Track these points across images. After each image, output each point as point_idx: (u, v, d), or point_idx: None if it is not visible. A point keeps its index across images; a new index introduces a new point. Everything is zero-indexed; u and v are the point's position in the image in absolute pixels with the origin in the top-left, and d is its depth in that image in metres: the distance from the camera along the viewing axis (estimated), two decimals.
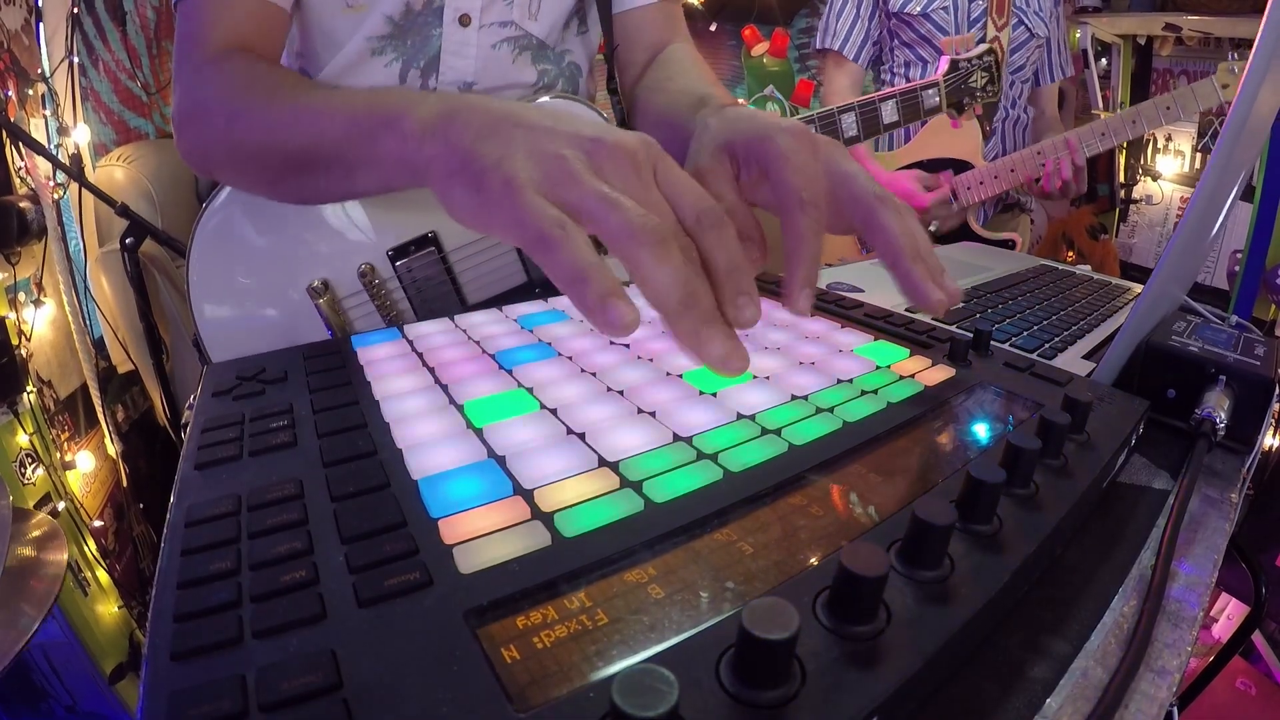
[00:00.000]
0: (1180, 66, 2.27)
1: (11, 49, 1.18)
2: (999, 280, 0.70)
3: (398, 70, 0.66)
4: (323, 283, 0.64)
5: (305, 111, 0.44)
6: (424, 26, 0.65)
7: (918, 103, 0.93)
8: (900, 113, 0.91)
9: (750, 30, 2.37)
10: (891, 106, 0.90)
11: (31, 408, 1.09)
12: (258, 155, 0.48)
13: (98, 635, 1.13)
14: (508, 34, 0.68)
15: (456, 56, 0.66)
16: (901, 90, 0.91)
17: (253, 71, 0.51)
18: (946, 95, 0.95)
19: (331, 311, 0.65)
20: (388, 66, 0.65)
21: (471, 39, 0.66)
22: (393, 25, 0.64)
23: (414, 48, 0.65)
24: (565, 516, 0.26)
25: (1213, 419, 0.39)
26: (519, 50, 0.69)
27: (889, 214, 0.35)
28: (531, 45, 0.69)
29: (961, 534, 0.26)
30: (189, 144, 0.53)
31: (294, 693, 0.18)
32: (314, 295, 0.64)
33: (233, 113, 0.49)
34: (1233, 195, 0.43)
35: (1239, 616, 1.19)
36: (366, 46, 0.64)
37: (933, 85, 0.94)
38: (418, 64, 0.66)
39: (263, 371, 0.39)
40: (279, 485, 0.28)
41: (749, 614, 0.18)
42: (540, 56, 0.71)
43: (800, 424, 0.34)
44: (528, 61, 0.70)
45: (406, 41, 0.65)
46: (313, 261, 0.64)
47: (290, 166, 0.46)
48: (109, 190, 1.18)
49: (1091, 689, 0.25)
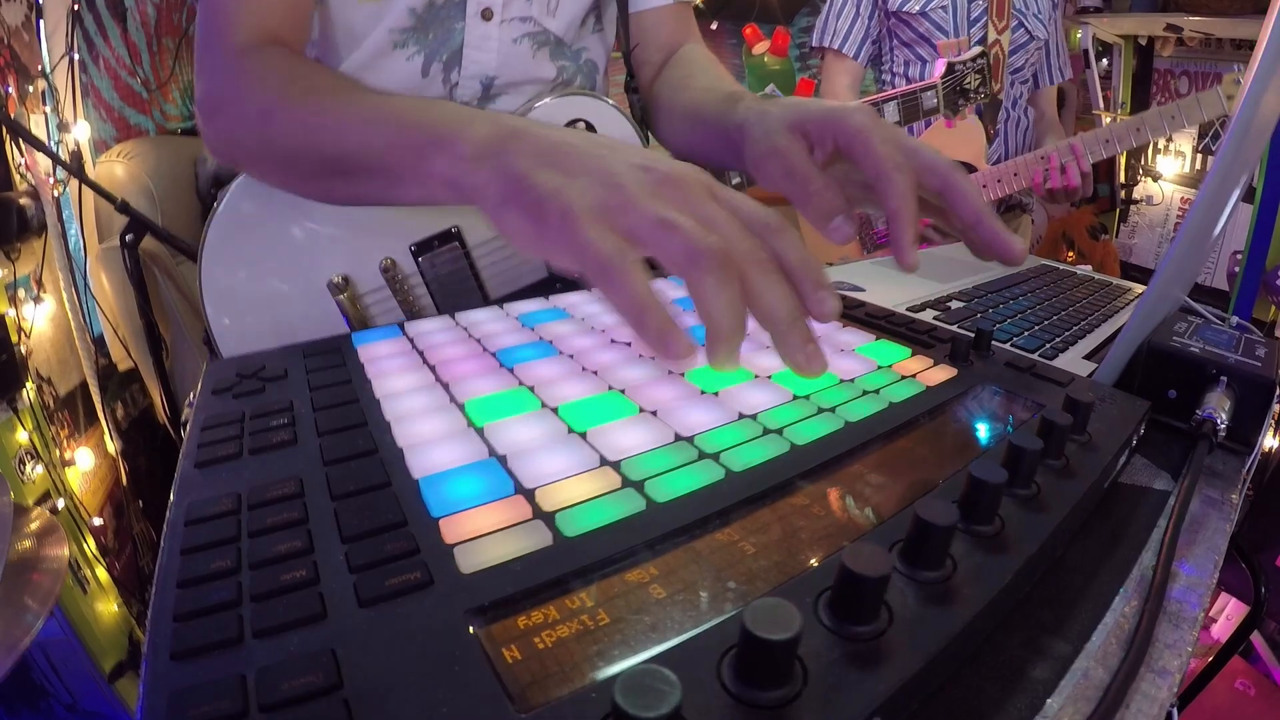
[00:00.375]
0: (1181, 67, 2.27)
1: (12, 45, 1.18)
2: (1000, 280, 0.70)
3: (420, 63, 0.65)
4: (343, 278, 0.64)
5: (349, 117, 0.44)
6: (446, 19, 0.65)
7: (917, 104, 0.99)
8: (901, 113, 0.98)
9: (751, 29, 2.37)
10: (893, 108, 0.97)
11: (31, 405, 1.09)
12: (292, 154, 0.48)
13: (97, 633, 1.13)
14: (527, 29, 0.68)
15: (479, 50, 0.66)
16: (902, 92, 0.98)
17: (289, 67, 0.51)
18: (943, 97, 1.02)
19: (352, 307, 0.64)
20: (410, 60, 0.65)
21: (493, 33, 0.66)
22: (415, 17, 0.64)
23: (436, 40, 0.65)
24: (566, 516, 0.26)
25: (1214, 420, 0.39)
26: (538, 46, 0.69)
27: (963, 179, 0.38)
28: (550, 41, 0.70)
29: (963, 534, 0.26)
30: (216, 135, 0.53)
31: (294, 693, 0.18)
32: (334, 291, 0.63)
33: (267, 109, 0.49)
34: (1235, 197, 0.43)
35: (1238, 616, 1.19)
36: (389, 39, 0.64)
37: (930, 88, 1.01)
38: (440, 57, 0.66)
39: (263, 369, 0.38)
40: (279, 484, 0.28)
41: (751, 614, 0.18)
42: (558, 53, 0.71)
43: (802, 424, 0.34)
44: (546, 57, 0.70)
45: (429, 34, 0.65)
46: (333, 256, 0.64)
47: (327, 170, 0.46)
48: (109, 187, 1.18)
49: (1092, 689, 0.25)
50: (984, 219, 0.38)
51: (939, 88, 1.00)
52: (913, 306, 0.58)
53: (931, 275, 0.71)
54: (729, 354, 0.28)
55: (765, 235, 0.30)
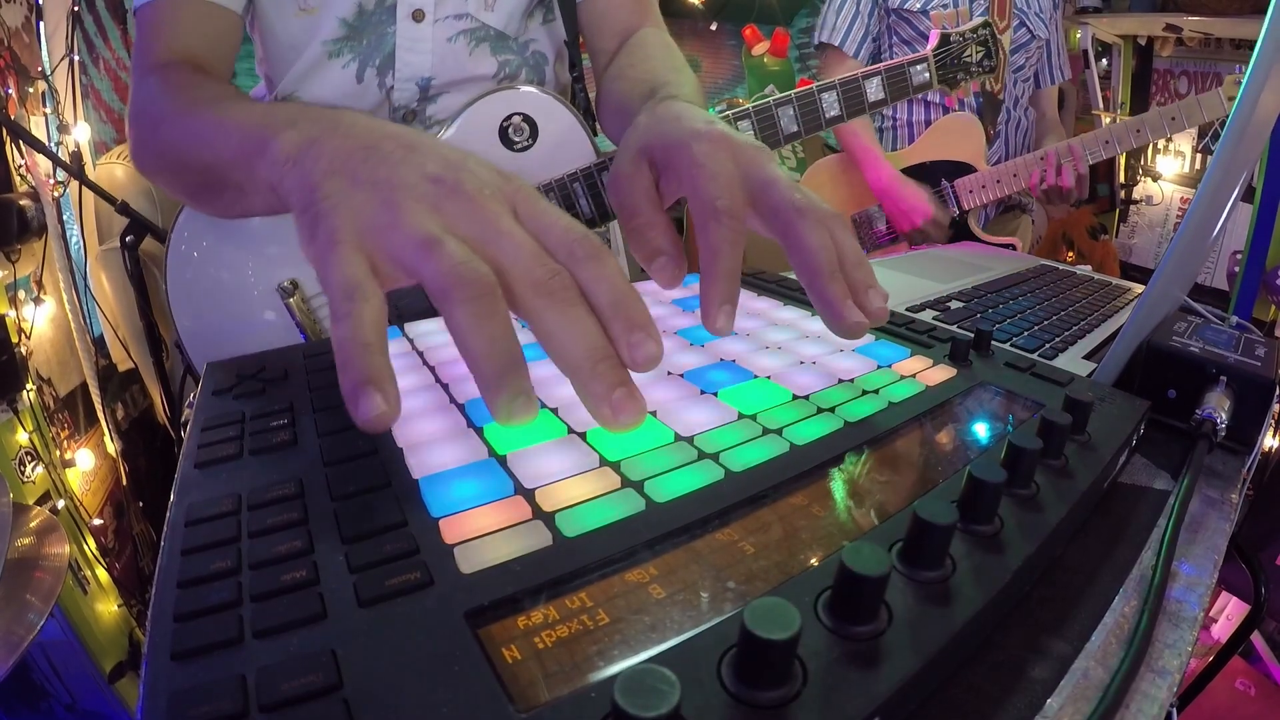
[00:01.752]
0: (1181, 67, 2.27)
1: (12, 46, 1.18)
2: (999, 280, 0.70)
3: (354, 70, 0.66)
4: (291, 282, 0.65)
5: (212, 127, 0.42)
6: (378, 25, 0.65)
7: (905, 79, 0.86)
8: (886, 90, 0.85)
9: (751, 30, 2.37)
10: (877, 83, 0.84)
11: (31, 406, 1.09)
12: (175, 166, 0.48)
13: (97, 634, 1.13)
14: (464, 26, 0.67)
15: (411, 52, 0.66)
16: (887, 66, 0.85)
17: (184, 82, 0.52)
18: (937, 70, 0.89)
19: (302, 310, 0.65)
20: (345, 68, 0.66)
21: (426, 34, 0.66)
22: (347, 27, 0.64)
23: (370, 47, 0.65)
24: (566, 516, 0.26)
25: (1213, 419, 0.39)
26: (476, 42, 0.69)
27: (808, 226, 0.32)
28: (490, 36, 0.69)
29: (962, 534, 0.26)
30: (130, 148, 0.55)
31: (294, 693, 0.18)
32: (283, 295, 0.64)
33: (159, 121, 0.49)
34: (1234, 197, 0.43)
35: (1238, 616, 1.19)
36: (323, 50, 0.65)
37: (921, 60, 0.88)
38: (374, 62, 0.66)
39: (263, 370, 0.39)
40: (279, 484, 0.28)
41: (750, 614, 0.18)
42: (500, 47, 0.70)
43: (801, 424, 0.34)
44: (486, 53, 0.70)
45: (362, 41, 0.65)
46: (282, 261, 0.65)
47: (200, 181, 0.45)
48: (109, 188, 1.18)
49: (1092, 689, 0.25)
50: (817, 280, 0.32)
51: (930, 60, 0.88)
52: (912, 306, 0.58)
53: (931, 275, 0.71)
54: (507, 400, 0.24)
55: (572, 263, 0.26)
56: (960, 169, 1.33)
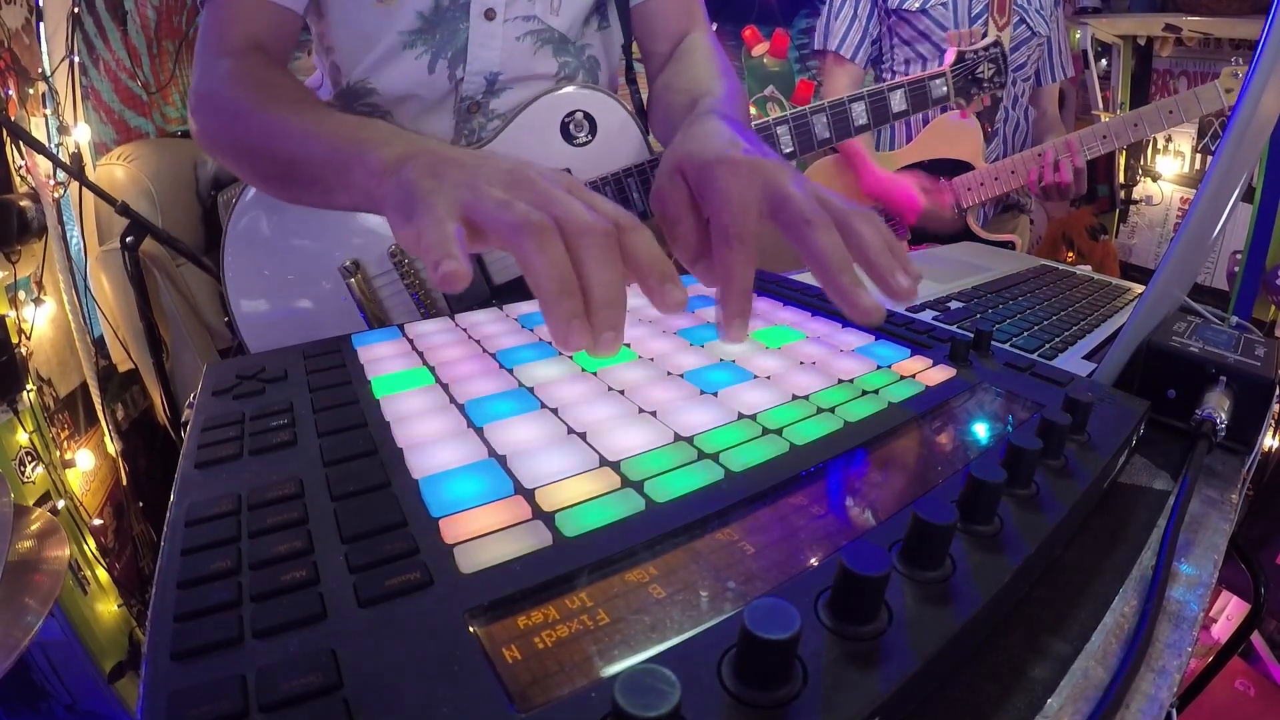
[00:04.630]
0: (1180, 67, 2.27)
1: (12, 48, 1.18)
2: (999, 280, 0.70)
3: (427, 62, 0.70)
4: (353, 263, 0.68)
5: (298, 129, 0.48)
6: (452, 20, 0.69)
7: (925, 93, 0.95)
8: (909, 102, 0.94)
9: (751, 30, 2.37)
10: (900, 96, 0.93)
11: (31, 406, 1.09)
12: (253, 155, 0.53)
13: (97, 634, 1.13)
14: (531, 27, 0.72)
15: (483, 48, 0.71)
16: (910, 80, 0.94)
17: (262, 75, 0.56)
18: (954, 86, 0.98)
19: (362, 291, 0.68)
20: (418, 59, 0.70)
21: (497, 31, 0.70)
22: (423, 20, 0.68)
23: (443, 40, 0.69)
24: (566, 516, 0.26)
25: (1213, 420, 0.39)
26: (541, 43, 0.73)
27: (816, 233, 0.35)
28: (553, 38, 0.74)
29: (962, 534, 0.26)
30: (200, 128, 0.58)
31: (294, 693, 0.18)
32: (345, 275, 0.68)
33: (238, 109, 0.54)
34: (1234, 197, 0.43)
35: (1238, 616, 1.19)
36: (398, 40, 0.68)
37: (940, 76, 0.97)
38: (445, 55, 0.70)
39: (263, 370, 0.39)
40: (279, 484, 0.28)
41: (750, 614, 0.18)
42: (561, 49, 0.75)
43: (801, 424, 0.34)
44: (549, 54, 0.74)
45: (436, 34, 0.69)
46: (344, 244, 0.68)
47: (278, 173, 0.51)
48: (109, 189, 1.18)
49: (1092, 689, 0.25)
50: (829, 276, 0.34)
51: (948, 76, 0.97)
52: (912, 306, 0.58)
53: (931, 275, 0.71)
54: (564, 319, 0.29)
55: (619, 230, 0.32)
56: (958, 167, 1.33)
